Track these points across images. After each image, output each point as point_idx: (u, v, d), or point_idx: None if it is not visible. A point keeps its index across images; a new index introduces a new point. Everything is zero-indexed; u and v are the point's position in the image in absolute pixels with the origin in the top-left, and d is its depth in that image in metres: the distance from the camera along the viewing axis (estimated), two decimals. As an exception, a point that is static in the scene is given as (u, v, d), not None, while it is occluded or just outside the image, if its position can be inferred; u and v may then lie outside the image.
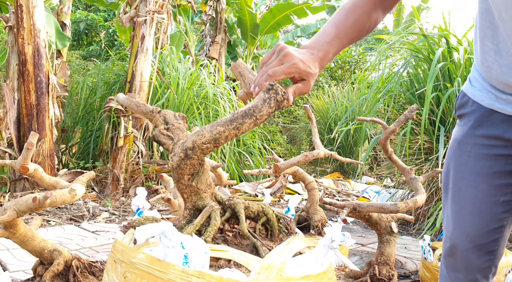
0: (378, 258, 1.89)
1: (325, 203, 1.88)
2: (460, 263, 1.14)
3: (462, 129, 1.14)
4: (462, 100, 1.15)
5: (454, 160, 1.15)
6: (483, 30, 1.02)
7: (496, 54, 1.00)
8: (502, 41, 0.98)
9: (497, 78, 1.02)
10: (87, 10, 15.29)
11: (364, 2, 1.11)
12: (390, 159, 1.91)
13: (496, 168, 1.07)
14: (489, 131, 1.07)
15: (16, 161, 1.69)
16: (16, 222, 1.68)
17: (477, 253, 1.11)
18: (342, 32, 1.08)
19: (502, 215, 1.08)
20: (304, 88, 1.04)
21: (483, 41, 1.03)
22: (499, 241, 1.11)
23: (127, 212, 4.36)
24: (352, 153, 7.18)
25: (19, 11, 4.41)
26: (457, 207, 1.14)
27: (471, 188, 1.10)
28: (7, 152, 4.57)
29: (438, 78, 3.39)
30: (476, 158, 1.09)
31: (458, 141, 1.15)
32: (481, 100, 1.08)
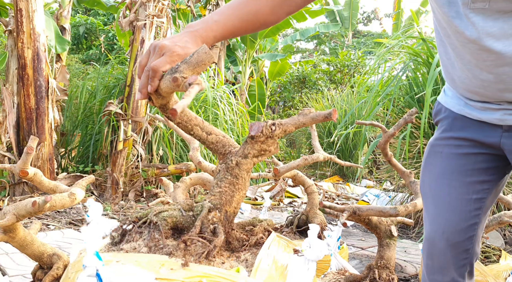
0: (378, 261, 1.89)
1: (325, 207, 1.89)
2: (437, 263, 1.16)
3: (436, 133, 1.22)
4: (437, 108, 1.23)
5: (428, 162, 1.22)
6: (439, 47, 1.12)
7: (452, 67, 1.09)
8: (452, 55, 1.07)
9: (460, 86, 1.11)
10: (86, 14, 15.32)
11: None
12: (390, 163, 1.91)
13: (467, 166, 1.13)
14: (459, 134, 1.14)
15: (16, 165, 1.68)
16: (16, 226, 1.67)
17: (453, 252, 1.14)
18: (236, 14, 1.07)
19: (475, 212, 1.13)
20: None
21: (441, 56, 1.13)
22: (473, 239, 1.14)
23: (126, 216, 4.35)
24: (352, 157, 7.18)
25: (18, 15, 4.42)
26: (433, 207, 1.18)
27: (445, 187, 1.15)
28: (6, 156, 4.57)
29: (437, 82, 3.40)
30: (448, 158, 1.16)
31: (431, 144, 1.22)
32: (452, 106, 1.16)
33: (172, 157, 5.35)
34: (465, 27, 0.97)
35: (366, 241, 3.51)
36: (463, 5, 0.96)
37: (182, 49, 1.00)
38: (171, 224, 1.13)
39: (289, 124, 1.16)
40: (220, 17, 1.06)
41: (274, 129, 1.17)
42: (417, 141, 3.47)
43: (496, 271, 2.14)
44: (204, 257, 1.06)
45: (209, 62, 0.98)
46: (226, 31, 1.06)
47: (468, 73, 1.05)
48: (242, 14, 1.07)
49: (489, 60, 0.98)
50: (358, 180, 7.19)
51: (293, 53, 17.59)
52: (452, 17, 0.99)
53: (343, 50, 14.86)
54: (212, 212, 1.16)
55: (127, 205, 4.68)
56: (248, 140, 1.22)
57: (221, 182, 1.20)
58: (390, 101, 3.71)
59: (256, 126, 1.21)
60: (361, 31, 20.49)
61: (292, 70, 11.35)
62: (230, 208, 1.20)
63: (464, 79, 1.07)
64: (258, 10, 1.08)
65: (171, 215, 1.14)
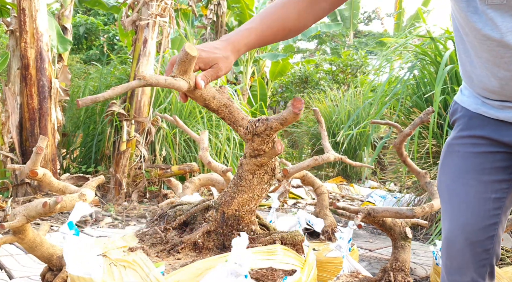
0: (392, 264, 1.85)
1: (338, 208, 1.85)
2: (456, 263, 1.14)
3: (453, 133, 1.21)
4: (453, 107, 1.23)
5: (445, 162, 1.21)
6: (458, 45, 1.12)
7: (471, 65, 1.09)
8: (471, 53, 1.07)
9: (477, 85, 1.10)
10: (86, 14, 15.28)
11: (298, 3, 1.13)
12: (405, 163, 1.88)
13: (484, 164, 1.11)
14: (476, 132, 1.13)
15: (25, 165, 1.65)
16: (25, 228, 1.64)
17: (473, 251, 1.12)
18: (266, 25, 1.12)
19: (494, 212, 1.11)
20: (215, 72, 1.06)
21: (460, 54, 1.13)
22: (493, 239, 1.12)
23: (129, 217, 4.32)
24: (355, 157, 7.15)
25: (22, 15, 4.38)
26: (451, 206, 1.16)
27: (462, 186, 1.14)
28: (9, 156, 4.53)
29: (445, 81, 3.37)
30: (464, 157, 1.15)
31: (448, 144, 1.21)
32: (468, 105, 1.15)
33: (175, 158, 5.32)
34: (483, 24, 0.97)
35: (374, 242, 3.48)
36: (480, 0, 0.96)
37: (206, 53, 1.04)
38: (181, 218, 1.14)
39: (273, 120, 1.11)
40: (252, 25, 1.11)
41: (257, 126, 1.12)
42: (426, 141, 3.44)
43: (511, 274, 2.11)
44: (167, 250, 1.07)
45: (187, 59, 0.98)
46: (257, 38, 1.11)
47: (486, 71, 1.04)
48: (271, 22, 1.12)
49: (506, 57, 0.97)
50: (361, 181, 7.15)
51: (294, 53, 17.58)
52: (470, 13, 0.99)
53: (344, 50, 14.83)
54: (209, 211, 1.14)
55: (130, 206, 4.64)
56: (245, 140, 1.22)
57: (230, 182, 1.20)
58: (397, 100, 3.68)
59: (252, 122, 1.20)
60: (362, 31, 20.48)
61: (294, 70, 11.31)
62: (228, 209, 1.18)
63: (482, 77, 1.06)
64: (286, 17, 1.12)
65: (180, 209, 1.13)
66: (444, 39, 3.60)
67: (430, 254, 3.15)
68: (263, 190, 1.20)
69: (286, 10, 1.12)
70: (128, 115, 5.04)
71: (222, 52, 1.06)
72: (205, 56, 1.04)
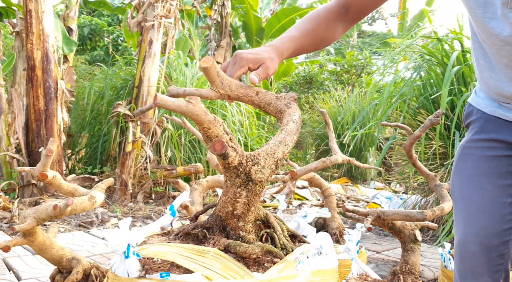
0: (402, 267, 1.85)
1: (348, 211, 1.85)
2: (470, 267, 1.13)
3: (467, 135, 1.20)
4: (468, 110, 1.22)
5: (460, 165, 1.19)
6: (476, 50, 1.11)
7: (490, 70, 1.07)
8: (491, 59, 1.06)
9: (494, 91, 1.09)
10: (91, 15, 15.31)
11: (327, 13, 1.24)
12: (414, 166, 1.87)
13: (500, 168, 1.10)
14: (492, 136, 1.11)
15: (35, 168, 1.65)
16: (35, 230, 1.64)
17: (488, 256, 1.10)
18: (301, 33, 1.22)
19: (510, 217, 1.09)
20: (265, 70, 1.15)
21: (477, 59, 1.12)
22: (509, 244, 1.10)
23: (135, 218, 4.33)
24: (360, 158, 7.13)
25: (28, 16, 4.39)
26: (466, 210, 1.15)
27: (478, 190, 1.12)
28: (15, 157, 4.54)
29: (452, 82, 3.35)
30: (480, 160, 1.13)
31: (462, 147, 1.19)
32: (484, 107, 1.14)
33: (180, 159, 5.32)
34: (502, 28, 0.96)
35: (381, 244, 3.47)
36: (503, 5, 0.94)
37: (252, 55, 1.14)
38: None
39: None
40: (291, 33, 1.22)
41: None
42: (433, 143, 3.42)
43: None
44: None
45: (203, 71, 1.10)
46: (296, 45, 1.21)
47: (505, 77, 1.03)
48: (306, 31, 1.23)
49: None
50: (366, 182, 7.13)
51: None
52: (488, 19, 0.97)
53: (348, 50, 14.80)
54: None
55: (136, 207, 4.65)
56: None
57: None
58: (404, 102, 3.67)
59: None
60: (366, 31, 20.45)
61: (298, 70, 11.30)
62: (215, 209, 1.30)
63: (500, 82, 1.05)
64: (317, 27, 1.23)
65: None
66: (451, 39, 3.59)
67: (437, 256, 3.14)
68: (236, 194, 1.17)
69: (317, 21, 1.23)
70: (133, 116, 5.05)
71: (267, 54, 1.15)
72: (252, 57, 1.14)
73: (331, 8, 1.25)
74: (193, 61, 6.62)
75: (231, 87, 1.15)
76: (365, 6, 1.24)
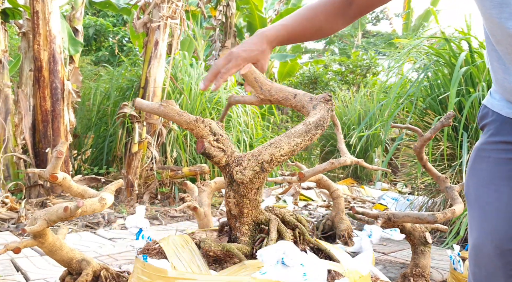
0: (412, 269, 1.84)
1: (357, 213, 1.84)
2: (485, 271, 1.10)
3: (482, 138, 1.17)
4: (483, 112, 1.19)
5: (475, 167, 1.17)
6: (490, 52, 1.09)
7: (504, 72, 1.05)
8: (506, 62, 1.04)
9: (510, 93, 1.07)
10: (96, 16, 15.36)
11: (328, 5, 1.23)
12: (425, 167, 1.86)
13: None
14: (508, 138, 1.08)
15: (45, 170, 1.66)
16: (45, 232, 1.65)
17: (504, 260, 1.07)
18: (295, 22, 1.22)
19: None
20: (260, 69, 1.20)
21: (492, 62, 1.09)
22: None
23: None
24: (366, 158, 7.10)
25: (35, 17, 4.41)
26: (481, 213, 1.12)
27: (493, 192, 1.09)
28: (22, 158, 4.56)
29: (460, 83, 3.33)
30: (496, 163, 1.10)
31: (477, 149, 1.17)
32: (500, 109, 1.11)
33: (186, 159, 5.32)
34: None
35: (388, 246, 3.45)
36: None
37: (245, 53, 1.16)
38: None
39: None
40: (286, 21, 1.23)
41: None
42: (440, 144, 3.41)
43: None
44: None
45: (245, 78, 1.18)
46: (289, 34, 1.21)
47: None
48: (302, 19, 1.22)
49: None
50: (372, 182, 7.11)
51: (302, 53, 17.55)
52: (504, 19, 0.96)
53: (353, 50, 14.77)
54: None
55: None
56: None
57: None
58: (411, 102, 3.65)
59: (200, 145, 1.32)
60: (370, 31, 20.40)
61: (303, 71, 11.29)
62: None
63: None
64: (314, 17, 1.22)
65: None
66: (459, 40, 3.57)
67: (446, 257, 3.12)
68: (227, 194, 1.21)
69: (315, 11, 1.22)
70: (139, 117, 5.06)
71: (259, 47, 1.17)
72: (246, 56, 1.16)
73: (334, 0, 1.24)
74: (198, 61, 6.63)
75: (270, 91, 1.19)
76: (370, 1, 1.22)
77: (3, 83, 4.70)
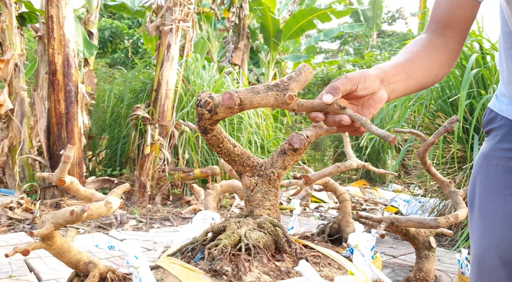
0: (416, 274, 1.83)
1: (361, 217, 1.84)
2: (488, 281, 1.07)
3: (489, 143, 1.12)
4: (489, 116, 1.13)
5: (481, 174, 1.12)
6: (507, 51, 1.02)
7: None
8: None
9: None
10: (111, 18, 15.55)
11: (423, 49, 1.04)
12: (429, 172, 1.85)
13: None
14: None
15: (54, 174, 1.70)
16: (53, 234, 1.69)
17: (507, 271, 1.04)
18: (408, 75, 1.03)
19: None
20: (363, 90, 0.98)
21: (507, 61, 1.03)
22: None
23: (153, 219, 4.38)
24: (379, 160, 7.06)
25: (49, 22, 4.50)
26: (485, 221, 1.08)
27: (500, 201, 1.05)
28: (37, 160, 4.66)
29: (471, 85, 3.30)
30: (503, 171, 1.06)
31: (484, 155, 1.12)
32: (509, 114, 1.06)
33: (197, 161, 5.37)
34: None
35: (398, 248, 3.43)
36: None
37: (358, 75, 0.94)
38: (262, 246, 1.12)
39: (312, 136, 1.16)
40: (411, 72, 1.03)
41: (309, 142, 1.17)
42: (451, 146, 3.38)
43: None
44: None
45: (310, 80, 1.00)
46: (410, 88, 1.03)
47: None
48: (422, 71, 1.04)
49: None
50: (384, 184, 7.06)
51: (316, 53, 17.49)
52: None
53: (367, 50, 14.67)
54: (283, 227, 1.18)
55: (154, 209, 4.71)
56: (289, 152, 1.20)
57: (268, 195, 1.20)
58: (421, 104, 3.62)
59: (297, 139, 1.20)
60: (385, 31, 20.22)
61: (317, 72, 11.26)
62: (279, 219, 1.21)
63: None
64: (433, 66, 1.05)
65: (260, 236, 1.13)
66: (470, 41, 3.53)
67: (456, 261, 3.09)
68: None
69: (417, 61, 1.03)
70: (152, 119, 5.12)
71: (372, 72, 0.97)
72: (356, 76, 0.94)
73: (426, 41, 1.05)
74: (210, 63, 6.67)
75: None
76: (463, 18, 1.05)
77: (19, 86, 4.81)
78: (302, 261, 1.05)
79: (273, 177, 1.20)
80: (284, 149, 1.22)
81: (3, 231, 3.73)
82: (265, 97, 0.99)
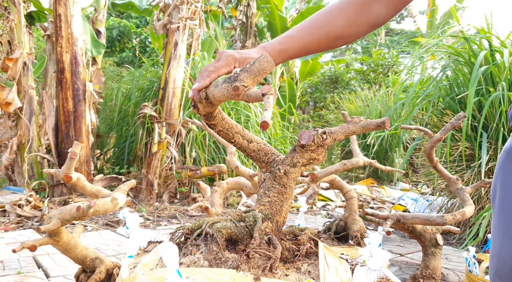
0: (423, 271, 1.82)
1: (367, 214, 1.83)
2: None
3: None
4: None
5: (503, 171, 1.08)
6: None
7: None
8: None
9: None
10: (119, 17, 15.62)
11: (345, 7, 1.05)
12: (435, 169, 1.84)
13: None
14: None
15: (60, 170, 1.71)
16: (60, 230, 1.70)
17: None
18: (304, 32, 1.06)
19: None
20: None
21: None
22: None
23: (161, 217, 4.40)
24: (387, 159, 7.03)
25: (57, 20, 4.53)
26: (506, 222, 1.04)
27: None
28: (46, 158, 4.69)
29: (480, 82, 3.27)
30: None
31: (507, 152, 1.07)
32: None
33: (204, 159, 5.38)
34: None
35: (405, 247, 3.42)
36: None
37: (239, 54, 1.04)
38: (226, 236, 1.12)
39: (339, 132, 1.13)
40: (291, 32, 1.07)
41: (325, 138, 1.14)
42: (459, 144, 3.35)
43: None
44: (268, 270, 1.04)
45: (270, 70, 1.00)
46: (295, 46, 1.06)
47: None
48: (313, 28, 1.06)
49: None
50: (392, 183, 7.02)
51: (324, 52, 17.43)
52: None
53: (375, 49, 14.60)
54: (264, 223, 1.14)
55: (161, 207, 4.72)
56: (297, 148, 1.19)
57: (269, 192, 1.18)
58: (429, 102, 3.60)
59: (306, 135, 1.18)
60: (394, 29, 20.12)
61: (324, 70, 11.22)
62: (280, 218, 1.18)
63: None
64: (331, 23, 1.06)
65: (225, 226, 1.12)
66: (479, 39, 3.50)
67: (463, 259, 3.07)
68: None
69: (332, 15, 1.06)
70: (159, 117, 5.14)
71: (255, 54, 1.04)
72: (238, 56, 1.04)
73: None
74: (218, 62, 6.66)
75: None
76: None
77: (27, 85, 4.85)
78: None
79: (278, 174, 1.19)
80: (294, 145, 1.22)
81: (12, 228, 3.76)
82: (221, 90, 1.01)
